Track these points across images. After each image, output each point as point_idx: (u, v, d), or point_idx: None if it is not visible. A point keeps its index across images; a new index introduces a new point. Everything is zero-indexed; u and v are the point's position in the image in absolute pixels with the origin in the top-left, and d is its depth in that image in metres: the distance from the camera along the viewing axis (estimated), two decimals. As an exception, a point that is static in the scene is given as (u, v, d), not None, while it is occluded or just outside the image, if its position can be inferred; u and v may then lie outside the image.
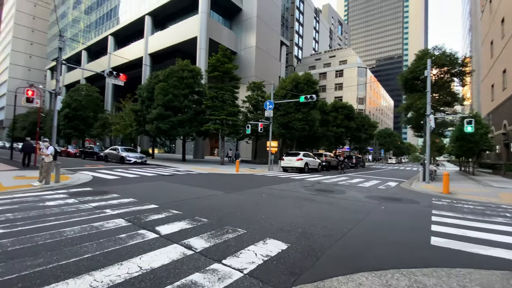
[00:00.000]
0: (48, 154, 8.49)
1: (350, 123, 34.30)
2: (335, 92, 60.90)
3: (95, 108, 36.69)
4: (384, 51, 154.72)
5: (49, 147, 8.64)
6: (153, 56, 39.31)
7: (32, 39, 72.26)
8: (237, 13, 37.75)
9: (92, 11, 51.42)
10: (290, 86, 22.96)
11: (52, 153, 8.62)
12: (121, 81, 13.46)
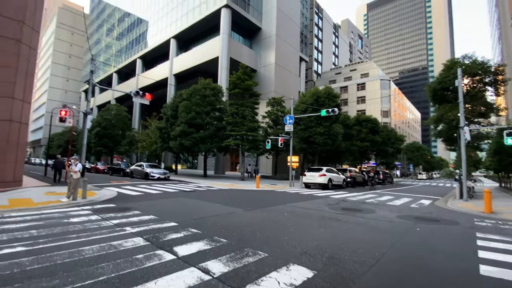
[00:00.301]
0: (76, 171, 8.82)
1: (375, 137, 32.96)
2: (357, 106, 59.50)
3: (123, 126, 38.66)
4: (408, 63, 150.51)
5: (77, 164, 8.98)
6: (177, 76, 41.16)
7: (69, 64, 79.16)
8: (256, 33, 38.84)
9: (123, 37, 55.59)
10: (311, 100, 22.70)
11: (80, 170, 8.94)
12: (147, 100, 14.01)
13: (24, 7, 10.25)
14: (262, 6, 38.49)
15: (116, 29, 58.46)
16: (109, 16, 62.60)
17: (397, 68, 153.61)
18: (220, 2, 33.25)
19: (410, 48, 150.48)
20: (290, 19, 40.30)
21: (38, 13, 11.08)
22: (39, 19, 11.20)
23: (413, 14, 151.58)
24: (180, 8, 39.98)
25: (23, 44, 10.49)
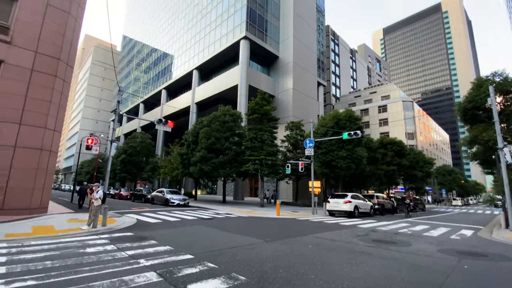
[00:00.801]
0: (96, 198, 8.87)
1: (402, 160, 31.25)
2: (380, 128, 57.74)
3: (147, 153, 40.03)
4: (430, 84, 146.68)
5: (98, 191, 9.06)
6: (199, 104, 42.76)
7: (101, 96, 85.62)
8: (274, 60, 40.05)
9: (150, 70, 59.73)
10: (331, 124, 22.24)
11: (100, 196, 9.00)
12: (169, 128, 14.36)
13: (60, 46, 11.25)
14: (279, 36, 40.03)
15: (144, 63, 63.14)
16: (138, 52, 68.10)
17: (419, 89, 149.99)
18: (239, 35, 35.03)
19: (431, 68, 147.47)
20: (307, 47, 41.34)
21: (73, 50, 12.09)
22: (73, 55, 12.19)
23: (432, 35, 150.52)
24: (202, 42, 42.62)
25: (58, 78, 11.35)
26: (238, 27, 35.65)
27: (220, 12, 39.68)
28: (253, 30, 35.75)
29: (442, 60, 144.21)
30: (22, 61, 10.47)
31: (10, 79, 10.31)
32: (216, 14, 40.53)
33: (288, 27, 39.15)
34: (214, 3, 41.48)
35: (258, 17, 36.94)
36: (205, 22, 42.71)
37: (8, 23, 10.27)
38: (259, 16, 37.14)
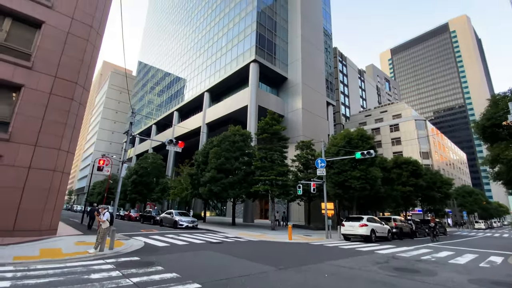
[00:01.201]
0: (104, 220, 8.72)
1: (418, 181, 29.98)
2: (392, 147, 56.46)
3: (157, 174, 40.26)
4: (442, 102, 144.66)
5: (105, 213, 8.92)
6: (209, 125, 43.37)
7: (116, 118, 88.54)
8: (283, 82, 40.72)
9: (163, 93, 61.83)
10: (343, 143, 21.83)
11: (108, 219, 8.84)
12: (179, 148, 14.41)
13: (78, 70, 11.76)
14: (287, 58, 40.99)
15: (158, 87, 65.59)
16: (152, 76, 71.08)
17: (431, 107, 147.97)
18: (249, 58, 36.09)
19: (443, 87, 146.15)
20: (315, 68, 42.00)
21: (90, 73, 12.61)
22: (90, 79, 12.69)
23: (441, 55, 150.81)
24: (213, 66, 44.10)
25: (74, 101, 11.75)
26: (248, 51, 36.83)
27: (231, 38, 41.32)
28: (262, 53, 36.81)
29: (453, 78, 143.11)
30: (42, 85, 10.94)
31: (29, 102, 10.73)
32: (227, 40, 42.21)
33: (296, 50, 40.15)
34: (224, 29, 43.37)
35: (267, 41, 38.16)
36: (216, 48, 44.45)
37: (30, 50, 10.88)
38: (268, 40, 38.38)
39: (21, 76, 10.57)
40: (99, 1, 12.96)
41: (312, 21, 43.60)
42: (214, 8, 47.82)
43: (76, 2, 12.14)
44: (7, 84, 10.53)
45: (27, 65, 10.63)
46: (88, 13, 12.47)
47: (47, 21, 11.31)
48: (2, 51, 10.46)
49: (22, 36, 11.03)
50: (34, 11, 11.08)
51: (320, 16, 46.82)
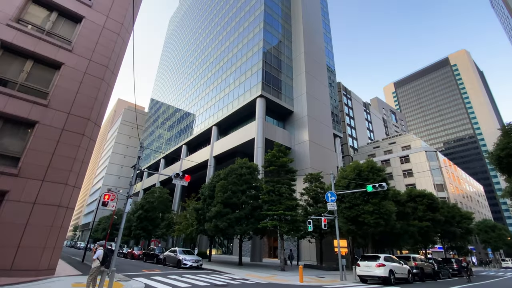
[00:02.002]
0: (94, 258, 8.29)
1: (435, 215, 28.34)
2: (405, 179, 54.73)
3: (163, 208, 39.53)
4: (451, 133, 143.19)
5: (97, 251, 8.50)
6: (216, 158, 43.53)
7: (126, 153, 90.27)
8: (289, 115, 41.48)
9: (173, 128, 63.56)
10: (352, 175, 21.23)
11: (99, 257, 8.37)
12: (186, 182, 14.22)
13: (91, 107, 12.24)
14: (293, 93, 42.26)
15: (168, 122, 67.72)
16: (163, 112, 73.83)
17: (440, 138, 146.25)
18: (256, 93, 37.36)
19: (450, 118, 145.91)
20: (320, 102, 42.92)
21: (102, 110, 13.08)
22: (102, 115, 13.14)
23: (445, 87, 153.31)
24: (221, 101, 45.70)
25: (85, 136, 12.03)
26: (254, 87, 38.27)
27: (238, 75, 43.33)
28: (268, 89, 38.14)
29: (459, 109, 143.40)
30: (55, 122, 11.34)
31: (41, 138, 11.03)
32: (235, 77, 44.27)
33: (301, 85, 41.52)
34: (232, 68, 45.72)
35: (272, 78, 39.79)
36: (225, 84, 46.48)
37: (48, 89, 11.50)
38: (273, 77, 40.03)
39: (37, 113, 11.04)
40: (115, 45, 13.95)
41: (315, 58, 45.70)
42: (223, 50, 51.06)
43: (95, 46, 13.09)
44: (23, 120, 10.96)
45: (44, 103, 11.15)
46: (105, 55, 13.36)
47: (66, 62, 12.12)
48: (22, 90, 11.08)
49: (42, 76, 11.76)
50: (55, 55, 11.94)
51: (322, 54, 49.15)
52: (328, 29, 55.23)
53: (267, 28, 41.51)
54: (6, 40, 11.03)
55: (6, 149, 10.67)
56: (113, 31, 14.04)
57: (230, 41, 49.38)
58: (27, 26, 11.88)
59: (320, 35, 50.49)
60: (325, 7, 57.29)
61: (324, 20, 54.54)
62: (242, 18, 47.50)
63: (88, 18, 13.34)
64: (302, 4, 46.92)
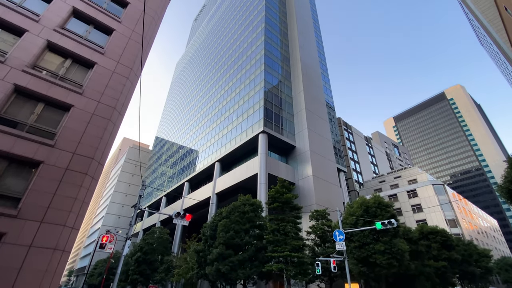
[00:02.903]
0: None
1: (451, 254, 26.63)
2: (414, 215, 52.62)
3: (163, 250, 37.69)
4: (456, 165, 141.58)
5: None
6: (219, 195, 42.76)
7: (128, 191, 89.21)
8: (291, 150, 41.73)
9: (176, 165, 63.70)
10: (360, 212, 20.50)
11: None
12: (186, 222, 13.79)
13: (96, 147, 12.43)
14: (294, 129, 43.07)
15: (171, 159, 68.15)
16: (167, 150, 74.75)
17: (446, 171, 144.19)
18: (258, 129, 38.12)
19: (453, 150, 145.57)
20: (321, 136, 43.46)
21: (107, 149, 13.25)
22: (106, 154, 13.27)
23: (444, 120, 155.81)
24: (224, 138, 46.48)
25: (88, 176, 12.01)
26: (256, 124, 39.17)
27: (241, 113, 44.71)
28: (270, 125, 38.98)
29: (462, 141, 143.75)
30: (60, 161, 11.44)
31: (45, 178, 11.02)
32: (237, 115, 45.64)
33: (302, 121, 42.48)
34: (235, 106, 47.38)
35: (274, 114, 40.95)
36: (227, 122, 47.73)
37: (55, 130, 11.83)
38: (274, 113, 41.21)
39: (42, 153, 11.20)
40: (124, 88, 14.70)
41: (314, 96, 47.45)
42: (226, 90, 53.51)
43: (104, 89, 13.79)
44: (28, 161, 11.08)
45: (50, 143, 11.37)
46: (113, 97, 14.00)
47: (76, 105, 12.65)
48: (30, 131, 11.40)
49: (51, 118, 12.19)
50: (66, 98, 12.53)
51: (321, 91, 51.15)
52: (325, 70, 58.23)
53: (267, 69, 43.93)
54: (21, 84, 11.69)
55: (9, 190, 10.61)
56: (123, 75, 14.90)
57: (233, 82, 51.96)
58: (42, 72, 12.68)
59: (318, 75, 53.08)
60: (322, 50, 61.19)
61: (321, 61, 57.86)
62: (244, 61, 50.61)
63: (100, 64, 14.28)
64: (300, 49, 50.23)
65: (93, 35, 15.31)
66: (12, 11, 12.87)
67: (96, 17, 15.47)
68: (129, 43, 16.04)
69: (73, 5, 14.89)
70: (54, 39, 13.47)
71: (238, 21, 61.65)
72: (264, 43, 46.02)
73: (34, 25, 13.20)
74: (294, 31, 53.25)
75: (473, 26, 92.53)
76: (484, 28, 72.59)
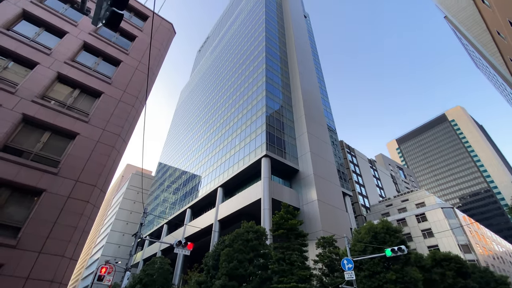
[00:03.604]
0: None
1: (467, 282, 25.06)
2: (425, 240, 50.44)
3: (163, 282, 35.91)
4: (464, 187, 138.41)
5: None
6: (221, 222, 41.71)
7: (129, 219, 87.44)
8: (295, 174, 41.33)
9: (178, 191, 63.04)
10: (368, 238, 19.72)
11: None
12: (188, 251, 13.35)
13: (99, 174, 12.44)
14: (296, 152, 43.03)
15: (174, 185, 67.65)
16: (169, 175, 74.47)
17: (454, 194, 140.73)
18: (261, 154, 38.15)
19: (460, 172, 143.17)
20: (325, 160, 43.23)
21: (110, 177, 13.24)
22: (109, 181, 13.24)
23: (448, 141, 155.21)
24: (227, 162, 46.43)
25: (89, 204, 11.89)
26: (259, 148, 39.30)
27: (243, 138, 45.10)
28: (273, 148, 39.07)
29: (468, 163, 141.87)
30: (62, 189, 11.40)
31: (45, 206, 10.92)
32: (240, 139, 46.02)
33: (304, 144, 42.58)
34: (238, 131, 47.94)
35: (276, 138, 41.21)
36: (230, 146, 48.00)
37: (60, 158, 11.94)
38: (277, 137, 41.50)
39: (45, 181, 11.20)
40: (129, 115, 15.05)
41: (315, 120, 48.03)
42: (229, 115, 54.54)
43: (109, 117, 14.12)
44: (31, 189, 11.06)
45: (54, 171, 11.42)
46: (118, 124, 14.28)
47: (81, 133, 12.89)
48: (35, 159, 11.51)
49: (56, 145, 12.37)
50: (73, 126, 12.81)
51: (322, 115, 51.84)
52: (325, 94, 59.58)
53: (269, 95, 45.04)
54: (29, 114, 12.02)
55: (10, 219, 10.48)
56: (128, 103, 15.33)
57: (235, 108, 53.08)
58: (50, 102, 13.10)
59: (318, 100, 54.17)
60: (321, 76, 63.11)
61: (321, 86, 59.40)
62: (246, 88, 52.13)
63: (107, 93, 14.77)
64: (300, 76, 51.85)
65: (102, 66, 16.03)
66: (25, 45, 13.62)
67: (105, 49, 16.30)
68: (136, 73, 16.71)
69: (84, 40, 15.78)
70: (64, 70, 14.10)
71: (240, 51, 64.50)
72: (265, 71, 47.67)
73: (45, 58, 13.89)
74: (294, 60, 55.36)
75: (468, 50, 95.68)
76: (479, 52, 74.97)
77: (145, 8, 20.25)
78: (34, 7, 14.99)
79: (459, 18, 72.36)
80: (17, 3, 14.54)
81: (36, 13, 14.88)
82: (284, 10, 69.46)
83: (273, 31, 58.85)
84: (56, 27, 15.27)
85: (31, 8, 14.87)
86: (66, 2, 16.83)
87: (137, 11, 19.85)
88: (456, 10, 72.76)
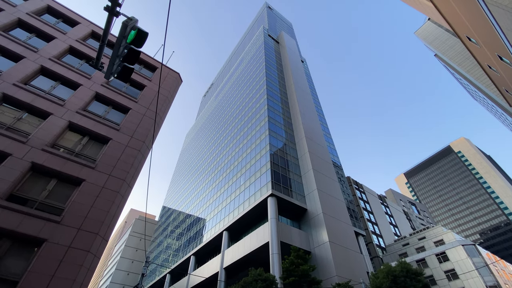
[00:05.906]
0: None
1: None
2: (451, 283, 45.99)
3: None
4: (483, 221, 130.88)
5: None
6: (227, 269, 39.07)
7: (130, 269, 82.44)
8: (303, 213, 39.81)
9: (182, 236, 60.51)
10: (387, 283, 18.12)
11: None
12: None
13: (102, 221, 12.14)
14: (303, 190, 42.07)
15: (177, 230, 65.26)
16: (173, 220, 72.34)
17: (473, 229, 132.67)
18: (266, 193, 37.36)
19: (475, 205, 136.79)
20: (333, 197, 41.98)
21: (113, 223, 12.88)
22: (111, 228, 12.84)
23: (457, 173, 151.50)
24: (232, 204, 45.32)
25: (90, 253, 11.38)
26: (264, 187, 38.64)
27: (248, 177, 44.71)
28: (279, 187, 38.35)
29: (482, 195, 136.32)
30: (63, 239, 11.03)
31: (45, 257, 10.46)
32: (244, 178, 45.59)
33: (310, 182, 41.84)
34: (242, 170, 47.77)
35: (281, 176, 40.73)
36: (235, 187, 47.36)
37: (64, 205, 11.80)
38: (282, 175, 41.03)
39: (47, 231, 10.91)
40: (135, 160, 15.24)
41: (320, 156, 47.97)
42: (233, 155, 54.96)
43: (116, 163, 14.29)
44: (31, 239, 10.72)
45: (57, 220, 11.20)
46: (124, 169, 14.39)
47: (87, 179, 12.94)
48: (39, 208, 11.38)
49: (61, 193, 12.32)
50: (79, 173, 12.93)
51: (326, 152, 51.92)
52: (327, 131, 60.49)
53: (272, 134, 45.86)
54: (38, 162, 12.24)
55: (8, 272, 9.97)
56: (135, 148, 15.65)
57: (239, 147, 53.73)
58: (60, 149, 13.43)
59: (321, 137, 54.83)
60: (322, 114, 64.87)
61: (322, 124, 60.62)
62: (250, 128, 53.43)
63: (114, 139, 15.19)
64: (301, 115, 53.41)
65: (111, 114, 16.78)
66: (40, 98, 14.48)
67: (115, 99, 17.25)
68: (143, 119, 17.40)
69: (96, 90, 16.82)
70: (75, 119, 14.75)
71: (243, 94, 67.73)
72: (267, 111, 49.31)
73: (58, 109, 14.65)
74: (294, 100, 57.63)
75: (462, 84, 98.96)
76: (474, 85, 77.40)
77: (154, 61, 21.93)
78: (52, 64, 16.32)
79: (449, 56, 76.40)
80: (36, 60, 15.89)
81: (53, 68, 16.15)
82: (282, 56, 74.64)
83: (273, 75, 62.45)
84: (71, 80, 16.42)
85: (49, 64, 16.18)
86: (82, 58, 18.37)
87: (147, 63, 21.47)
88: (445, 48, 77.22)
